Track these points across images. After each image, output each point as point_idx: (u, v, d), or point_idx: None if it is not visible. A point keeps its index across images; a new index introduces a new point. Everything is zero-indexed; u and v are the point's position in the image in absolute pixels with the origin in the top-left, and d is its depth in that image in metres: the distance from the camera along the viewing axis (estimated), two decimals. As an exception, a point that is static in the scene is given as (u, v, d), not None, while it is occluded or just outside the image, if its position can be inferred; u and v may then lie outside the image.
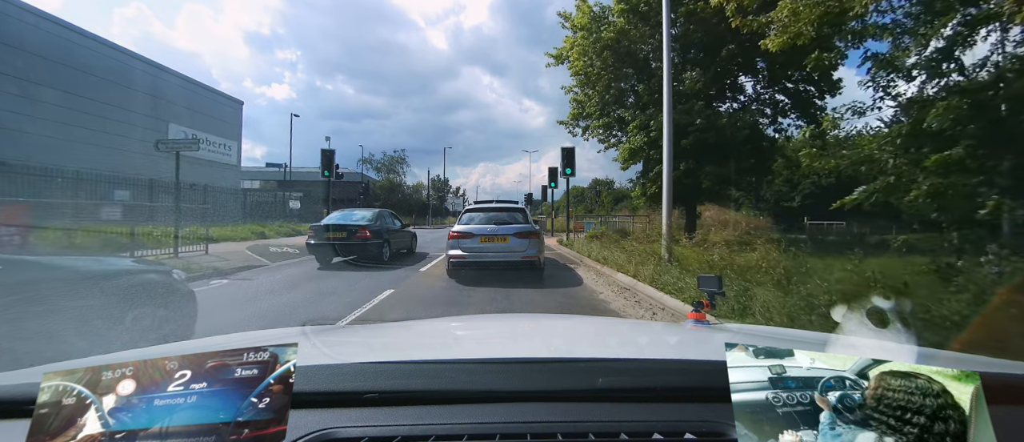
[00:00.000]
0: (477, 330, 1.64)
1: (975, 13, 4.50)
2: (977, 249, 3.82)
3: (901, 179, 4.61)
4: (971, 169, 4.10)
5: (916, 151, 4.66)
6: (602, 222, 23.74)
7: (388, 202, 43.68)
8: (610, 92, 15.08)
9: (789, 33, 5.65)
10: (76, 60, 18.77)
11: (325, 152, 15.09)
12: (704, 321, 1.60)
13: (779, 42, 5.88)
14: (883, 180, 4.76)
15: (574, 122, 16.87)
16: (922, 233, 4.78)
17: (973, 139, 4.10)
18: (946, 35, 4.70)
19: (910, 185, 4.45)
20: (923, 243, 4.63)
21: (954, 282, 3.58)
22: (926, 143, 4.50)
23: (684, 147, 11.91)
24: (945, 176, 4.19)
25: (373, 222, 9.71)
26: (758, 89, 14.92)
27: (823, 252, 7.95)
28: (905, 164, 4.70)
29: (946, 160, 4.10)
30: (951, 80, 4.80)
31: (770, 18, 5.96)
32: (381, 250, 9.50)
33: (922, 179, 4.34)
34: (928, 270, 4.10)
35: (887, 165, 4.84)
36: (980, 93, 4.29)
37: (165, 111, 23.03)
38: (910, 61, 5.02)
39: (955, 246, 4.07)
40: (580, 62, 14.80)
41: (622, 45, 13.93)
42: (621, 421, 0.72)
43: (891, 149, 4.86)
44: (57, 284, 2.75)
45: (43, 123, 17.09)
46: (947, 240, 4.19)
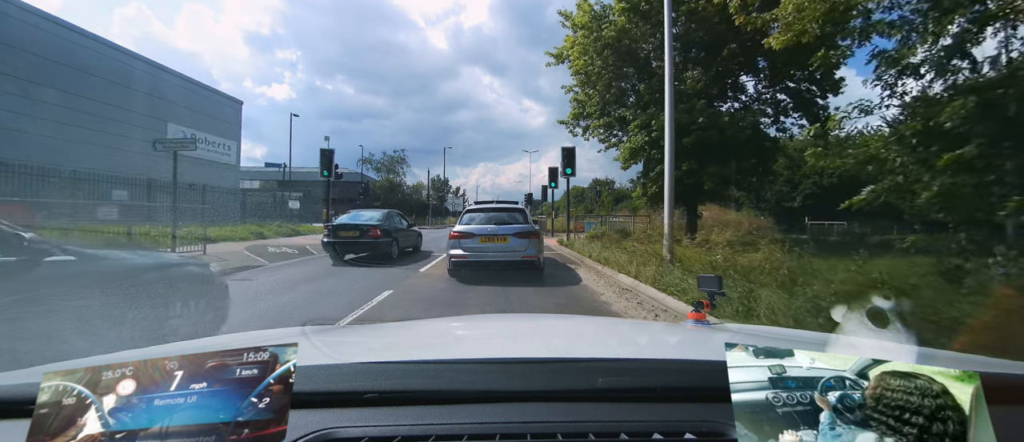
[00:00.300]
0: (477, 330, 1.64)
1: (984, 10, 4.42)
2: (984, 250, 3.76)
3: (909, 179, 4.52)
4: (979, 168, 4.02)
5: (925, 150, 4.55)
6: (602, 222, 23.62)
7: (388, 202, 43.67)
8: (611, 91, 15.01)
9: (793, 30, 5.57)
10: (75, 60, 18.74)
11: (324, 152, 15.05)
12: (704, 321, 1.60)
13: (783, 40, 5.81)
14: (891, 180, 4.66)
15: (575, 122, 16.80)
16: (927, 234, 4.71)
17: (983, 138, 4.00)
18: (954, 32, 4.61)
19: (917, 185, 4.37)
20: (928, 244, 4.55)
21: (964, 284, 3.53)
22: (936, 142, 4.41)
23: (686, 146, 11.87)
24: (955, 175, 4.10)
25: (383, 222, 10.38)
26: (759, 89, 14.89)
27: (826, 253, 7.92)
28: (913, 163, 4.59)
29: (958, 159, 4.00)
30: (961, 77, 4.71)
31: (774, 15, 5.88)
32: (390, 248, 10.19)
33: (930, 179, 4.25)
34: (934, 271, 4.04)
35: (895, 164, 4.73)
36: (989, 91, 4.21)
37: (164, 111, 22.98)
38: (917, 58, 4.92)
39: (963, 247, 4.00)
40: (581, 61, 14.71)
41: (623, 44, 13.85)
42: (621, 421, 0.72)
43: (898, 148, 4.76)
44: (125, 274, 3.22)
45: (42, 123, 17.07)
46: (954, 241, 4.11)
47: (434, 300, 5.96)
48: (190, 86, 26.21)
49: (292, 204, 26.55)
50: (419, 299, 6.05)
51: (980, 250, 3.83)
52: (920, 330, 2.51)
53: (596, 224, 22.82)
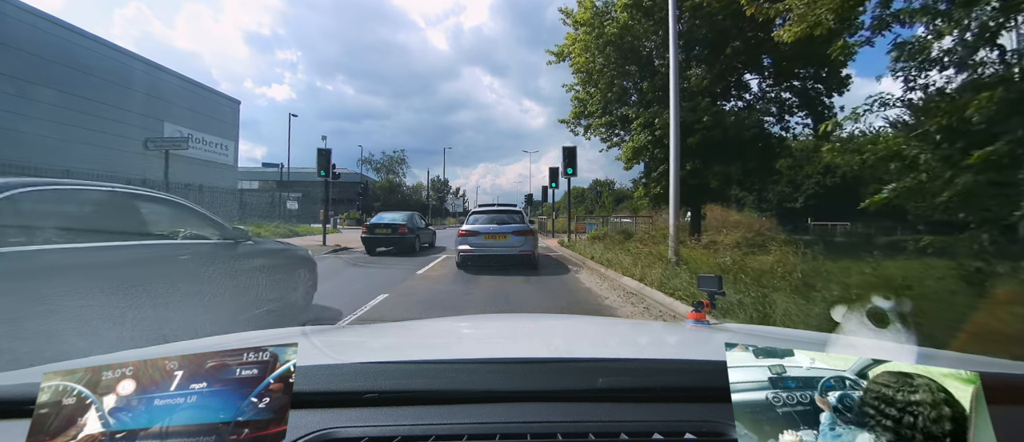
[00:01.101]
0: (477, 330, 1.64)
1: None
2: (1007, 252, 3.57)
3: (932, 177, 4.24)
4: (1006, 166, 3.76)
5: (949, 146, 4.27)
6: (604, 223, 23.28)
7: (387, 203, 43.67)
8: (613, 90, 14.82)
9: (807, 22, 5.33)
10: (70, 59, 18.50)
11: (321, 152, 14.86)
12: (704, 321, 1.60)
13: (795, 31, 5.55)
14: (915, 178, 4.39)
15: (576, 121, 16.60)
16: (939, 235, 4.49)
17: (1013, 133, 3.73)
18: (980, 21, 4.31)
19: (940, 182, 4.12)
20: (946, 245, 4.31)
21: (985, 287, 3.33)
22: (961, 139, 4.14)
23: (690, 146, 11.76)
24: (979, 174, 3.85)
25: (408, 221, 12.91)
26: (763, 87, 14.71)
27: (836, 254, 7.67)
28: (936, 161, 4.31)
29: (988, 156, 3.74)
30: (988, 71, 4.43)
31: (787, 5, 5.60)
32: (414, 242, 12.79)
33: (953, 176, 4.00)
34: (953, 274, 3.81)
35: (918, 161, 4.41)
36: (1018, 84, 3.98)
37: (160, 110, 22.58)
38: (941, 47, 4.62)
39: (983, 249, 3.78)
40: (582, 58, 14.52)
41: (625, 41, 13.64)
42: (621, 421, 0.72)
43: (920, 144, 4.45)
44: (278, 252, 4.80)
45: (37, 122, 16.85)
46: (976, 242, 3.88)
47: (455, 278, 8.05)
48: (187, 85, 25.84)
49: (290, 205, 26.50)
50: (442, 276, 8.33)
51: (1003, 252, 3.62)
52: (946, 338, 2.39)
53: (598, 225, 22.51)
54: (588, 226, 23.12)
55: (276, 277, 4.29)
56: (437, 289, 6.95)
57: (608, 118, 15.33)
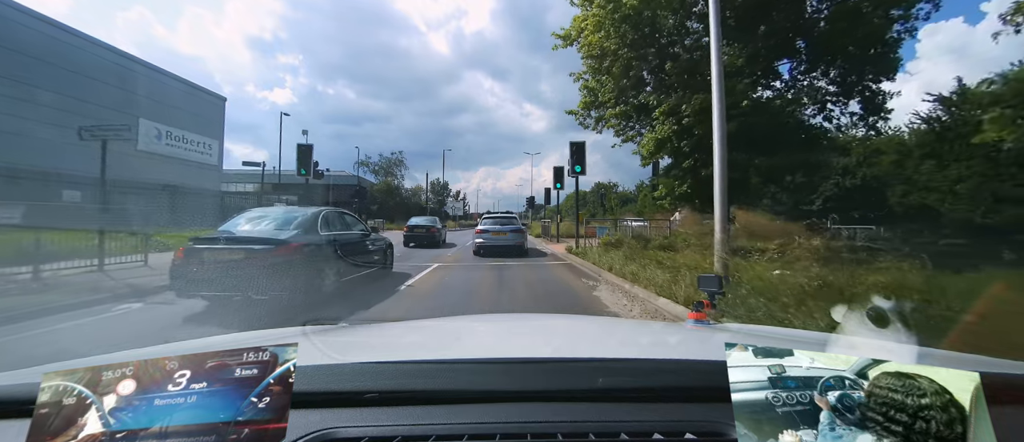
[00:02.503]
0: (478, 330, 1.64)
1: None
2: None
3: None
4: None
5: None
6: (615, 227, 20.98)
7: (385, 205, 43.50)
8: (628, 76, 13.08)
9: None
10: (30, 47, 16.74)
11: (302, 147, 12.91)
12: (704, 321, 1.60)
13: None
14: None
15: (586, 111, 14.83)
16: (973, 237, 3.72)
17: None
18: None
19: None
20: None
21: None
22: None
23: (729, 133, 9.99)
24: None
25: (435, 223, 18.41)
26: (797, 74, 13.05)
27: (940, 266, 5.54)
28: None
29: None
30: None
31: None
32: (437, 238, 17.73)
33: None
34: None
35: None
36: None
37: (135, 106, 20.83)
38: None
39: None
40: (594, 37, 12.73)
41: (643, 16, 11.95)
42: (621, 421, 0.72)
43: None
44: (384, 242, 8.95)
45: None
46: None
47: (472, 259, 12.30)
48: (165, 79, 23.91)
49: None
50: (463, 258, 12.71)
51: None
52: None
53: (609, 228, 20.33)
54: (599, 230, 20.96)
55: (382, 251, 8.53)
56: (462, 262, 11.41)
57: (623, 107, 13.75)
